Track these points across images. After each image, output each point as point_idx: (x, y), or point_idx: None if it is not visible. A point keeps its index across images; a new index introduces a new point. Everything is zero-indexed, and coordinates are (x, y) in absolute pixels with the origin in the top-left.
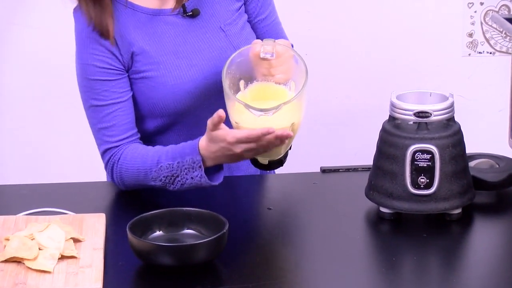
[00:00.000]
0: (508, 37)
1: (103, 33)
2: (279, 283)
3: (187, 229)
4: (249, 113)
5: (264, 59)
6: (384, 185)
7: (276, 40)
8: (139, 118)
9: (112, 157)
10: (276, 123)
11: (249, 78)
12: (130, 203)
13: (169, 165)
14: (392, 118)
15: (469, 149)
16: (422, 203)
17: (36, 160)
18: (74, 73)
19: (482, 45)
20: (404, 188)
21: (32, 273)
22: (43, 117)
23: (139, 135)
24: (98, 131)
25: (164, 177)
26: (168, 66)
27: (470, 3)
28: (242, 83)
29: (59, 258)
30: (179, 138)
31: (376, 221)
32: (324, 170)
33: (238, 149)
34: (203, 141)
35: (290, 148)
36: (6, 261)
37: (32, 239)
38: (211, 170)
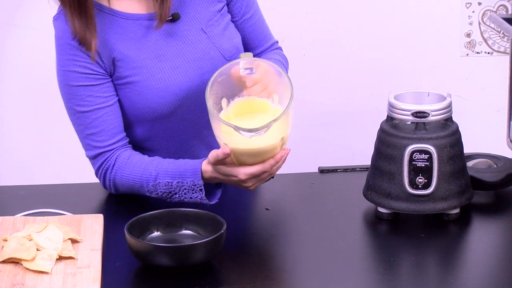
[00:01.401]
0: (506, 37)
1: (87, 46)
2: (277, 284)
3: (185, 230)
4: (238, 134)
5: (244, 76)
6: (382, 185)
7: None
8: (127, 125)
9: (105, 162)
10: (266, 141)
11: (231, 96)
12: (128, 204)
13: (168, 183)
14: (390, 118)
15: (467, 149)
16: (420, 203)
17: (34, 161)
18: None
19: (480, 45)
20: (402, 188)
21: (30, 273)
22: (41, 118)
23: (128, 139)
24: (86, 137)
25: (161, 192)
26: (151, 70)
27: (468, 3)
28: (224, 101)
29: (57, 259)
30: (167, 143)
31: (374, 221)
32: (322, 170)
33: (249, 183)
34: (206, 167)
35: None
36: (4, 261)
37: (30, 240)
38: (211, 187)
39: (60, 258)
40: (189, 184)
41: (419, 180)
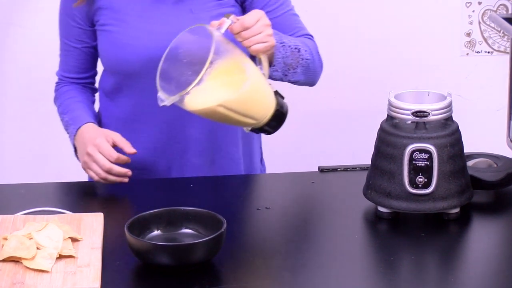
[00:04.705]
0: (506, 37)
1: None
2: (277, 283)
3: (185, 229)
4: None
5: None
6: (382, 184)
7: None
8: (103, 71)
9: (55, 88)
10: (196, 105)
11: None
12: (128, 203)
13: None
14: (390, 118)
15: (467, 149)
16: (420, 202)
17: (34, 160)
18: None
19: (480, 44)
20: (402, 188)
21: (30, 272)
22: (41, 117)
23: (86, 81)
24: (60, 58)
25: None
26: (129, 26)
27: (468, 3)
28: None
29: (57, 258)
30: (129, 101)
31: (374, 221)
32: (322, 170)
33: (90, 151)
34: (89, 128)
35: (280, 112)
36: (4, 260)
37: (30, 239)
38: None
39: (60, 256)
40: (71, 129)
41: (419, 179)
